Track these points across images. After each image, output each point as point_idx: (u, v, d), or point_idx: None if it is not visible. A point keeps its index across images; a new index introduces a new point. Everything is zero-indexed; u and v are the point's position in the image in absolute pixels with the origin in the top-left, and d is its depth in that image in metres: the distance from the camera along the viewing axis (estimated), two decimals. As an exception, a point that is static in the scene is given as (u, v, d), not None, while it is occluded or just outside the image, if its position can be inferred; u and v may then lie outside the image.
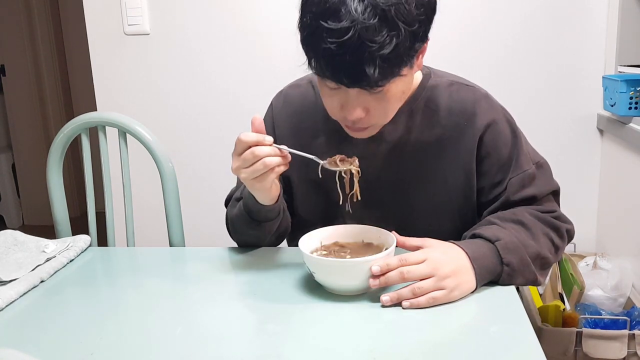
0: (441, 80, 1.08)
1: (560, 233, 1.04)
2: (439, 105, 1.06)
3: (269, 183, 0.95)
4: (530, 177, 1.04)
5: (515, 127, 1.07)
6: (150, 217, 1.81)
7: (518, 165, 1.04)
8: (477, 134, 1.04)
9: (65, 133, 1.35)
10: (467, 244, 0.94)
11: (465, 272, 0.90)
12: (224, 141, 2.01)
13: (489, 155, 1.04)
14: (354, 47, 0.82)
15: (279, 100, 1.17)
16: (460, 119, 1.05)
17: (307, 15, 0.87)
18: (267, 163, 0.91)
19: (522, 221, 0.99)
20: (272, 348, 0.80)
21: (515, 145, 1.05)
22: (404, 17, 0.83)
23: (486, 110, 1.05)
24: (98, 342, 0.82)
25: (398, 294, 0.88)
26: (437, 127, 1.05)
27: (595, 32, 1.84)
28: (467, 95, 1.06)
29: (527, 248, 0.95)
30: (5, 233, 1.20)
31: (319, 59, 0.87)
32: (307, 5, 0.88)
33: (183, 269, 1.14)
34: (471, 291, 0.91)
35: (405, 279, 0.88)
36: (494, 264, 0.93)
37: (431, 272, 0.88)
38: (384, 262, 0.89)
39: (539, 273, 0.97)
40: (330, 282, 0.92)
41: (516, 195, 1.04)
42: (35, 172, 3.76)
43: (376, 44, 0.82)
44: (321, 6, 0.84)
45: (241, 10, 1.96)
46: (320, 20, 0.84)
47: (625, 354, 1.48)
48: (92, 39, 2.04)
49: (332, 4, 0.83)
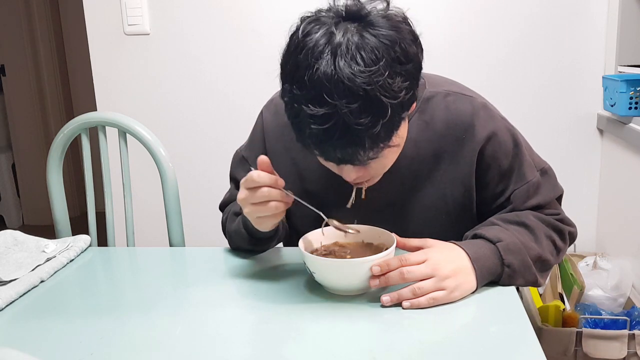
0: (436, 91, 1.04)
1: (562, 235, 1.03)
2: (435, 118, 1.02)
3: (271, 224, 0.96)
4: (535, 187, 1.03)
5: (516, 135, 1.04)
6: (150, 217, 1.81)
7: (521, 175, 1.02)
8: (477, 147, 1.01)
9: (65, 133, 1.35)
10: (468, 245, 0.94)
11: (466, 272, 0.90)
12: (224, 141, 2.01)
13: (489, 167, 1.02)
14: (340, 132, 0.79)
15: (270, 110, 1.13)
16: (458, 132, 1.01)
17: (289, 95, 0.83)
18: (274, 208, 0.91)
19: (525, 223, 0.99)
20: (272, 348, 0.80)
21: (517, 154, 1.02)
22: (387, 92, 0.79)
23: (485, 122, 1.01)
24: (98, 342, 0.82)
25: (398, 294, 0.88)
26: (434, 141, 1.02)
27: (595, 32, 1.84)
28: (464, 106, 1.02)
29: (529, 250, 0.95)
30: (5, 233, 1.20)
31: (306, 141, 0.84)
32: (289, 83, 0.84)
33: (183, 269, 1.13)
34: (472, 291, 0.91)
35: (405, 279, 0.88)
36: (495, 264, 0.92)
37: (432, 273, 0.88)
38: (384, 262, 0.88)
39: (539, 275, 0.97)
40: (330, 282, 0.92)
41: (522, 206, 1.02)
42: (35, 172, 3.76)
43: (362, 126, 0.79)
44: (302, 90, 0.81)
45: (241, 10, 1.96)
46: (302, 104, 0.80)
47: (625, 354, 1.49)
48: (92, 39, 2.04)
49: (312, 88, 0.80)
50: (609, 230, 1.89)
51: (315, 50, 0.80)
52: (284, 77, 0.86)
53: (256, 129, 1.15)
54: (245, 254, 1.12)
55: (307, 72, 0.80)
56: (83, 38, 2.06)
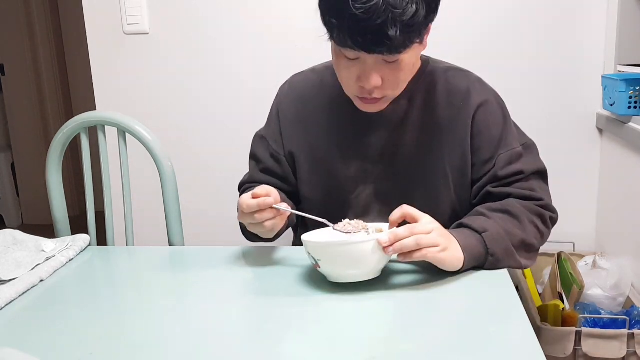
0: (438, 66, 1.16)
1: (544, 220, 1.10)
2: (437, 88, 1.13)
3: (273, 233, 1.05)
4: (518, 155, 1.11)
5: (505, 109, 1.15)
6: (149, 217, 1.81)
7: (507, 143, 1.11)
8: (471, 112, 1.11)
9: (64, 132, 1.35)
10: (457, 233, 0.98)
11: (457, 249, 0.95)
12: (224, 140, 2.01)
13: (480, 133, 1.11)
14: (379, 12, 0.90)
15: (284, 87, 1.24)
16: (456, 100, 1.12)
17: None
18: (267, 226, 1.00)
19: (510, 210, 1.05)
20: (272, 347, 0.80)
21: (505, 124, 1.13)
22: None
23: (479, 91, 1.13)
24: (97, 342, 0.82)
25: (401, 244, 0.89)
26: (436, 108, 1.13)
27: (594, 31, 1.84)
28: (462, 79, 1.15)
29: (513, 237, 1.01)
30: (5, 232, 1.20)
31: (344, 27, 0.93)
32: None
33: (182, 269, 1.14)
34: (456, 269, 0.95)
35: (419, 244, 0.90)
36: (480, 253, 0.98)
37: (440, 241, 0.92)
38: (392, 234, 0.90)
39: (524, 257, 1.04)
40: (337, 267, 0.92)
41: (503, 170, 1.10)
42: (34, 171, 3.76)
43: (399, 10, 0.90)
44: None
45: (241, 10, 1.96)
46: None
47: (624, 353, 1.49)
48: (91, 38, 2.03)
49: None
50: (608, 229, 1.90)
51: None
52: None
53: (272, 108, 1.25)
54: (244, 253, 1.13)
55: None
56: (82, 37, 2.06)
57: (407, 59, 1.00)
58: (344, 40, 0.95)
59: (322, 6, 0.97)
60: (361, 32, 0.93)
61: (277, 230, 1.05)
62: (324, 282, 0.95)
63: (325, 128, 1.17)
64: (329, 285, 0.95)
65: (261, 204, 0.97)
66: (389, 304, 0.90)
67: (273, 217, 0.99)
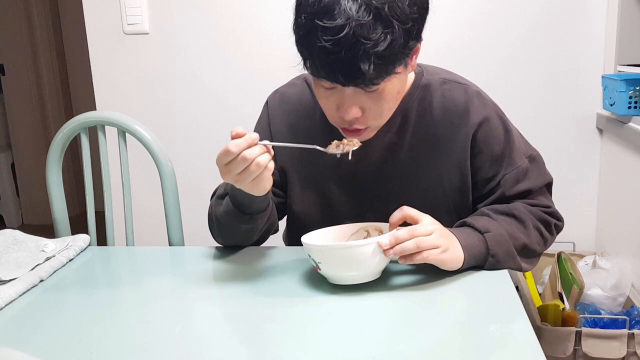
0: (433, 79, 1.08)
1: (549, 227, 1.08)
2: (433, 104, 1.07)
3: (266, 180, 0.95)
4: (524, 172, 1.07)
5: (507, 122, 1.09)
6: (149, 217, 1.81)
7: (511, 161, 1.07)
8: (471, 131, 1.05)
9: (64, 132, 1.34)
10: (458, 232, 0.97)
11: (458, 249, 0.95)
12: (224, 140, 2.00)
13: (481, 152, 1.06)
14: (349, 45, 0.84)
15: (275, 98, 1.17)
16: (454, 117, 1.06)
17: (302, 15, 0.88)
18: (261, 163, 0.90)
19: (515, 214, 1.03)
20: (271, 347, 0.80)
21: (507, 141, 1.07)
22: (397, 15, 0.85)
23: (479, 108, 1.06)
24: (97, 342, 0.82)
25: (401, 247, 0.89)
26: (431, 126, 1.07)
27: (594, 31, 1.84)
28: (459, 93, 1.07)
29: (515, 240, 1.00)
30: (5, 232, 1.20)
31: (314, 58, 0.88)
32: (302, 6, 0.89)
33: (182, 269, 1.13)
34: (456, 268, 0.95)
35: (419, 247, 0.89)
36: (481, 253, 0.97)
37: (440, 242, 0.91)
38: (392, 236, 0.89)
39: (525, 261, 1.02)
40: (337, 270, 0.92)
41: (511, 190, 1.07)
42: (34, 171, 3.76)
43: (371, 41, 0.83)
44: (316, 6, 0.86)
45: (240, 11, 1.96)
46: (315, 19, 0.85)
47: (624, 353, 1.49)
48: (91, 38, 2.03)
49: (326, 3, 0.85)
50: (608, 229, 1.90)
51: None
52: (298, 2, 0.90)
53: (262, 117, 1.18)
54: (244, 253, 1.12)
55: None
56: (82, 37, 2.06)
57: (389, 87, 0.92)
58: (316, 72, 0.90)
59: (295, 33, 0.91)
60: (332, 65, 0.86)
61: (268, 188, 0.98)
62: (324, 283, 0.95)
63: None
64: (329, 285, 0.95)
65: (249, 139, 0.90)
66: (389, 304, 0.90)
67: (263, 152, 0.91)
